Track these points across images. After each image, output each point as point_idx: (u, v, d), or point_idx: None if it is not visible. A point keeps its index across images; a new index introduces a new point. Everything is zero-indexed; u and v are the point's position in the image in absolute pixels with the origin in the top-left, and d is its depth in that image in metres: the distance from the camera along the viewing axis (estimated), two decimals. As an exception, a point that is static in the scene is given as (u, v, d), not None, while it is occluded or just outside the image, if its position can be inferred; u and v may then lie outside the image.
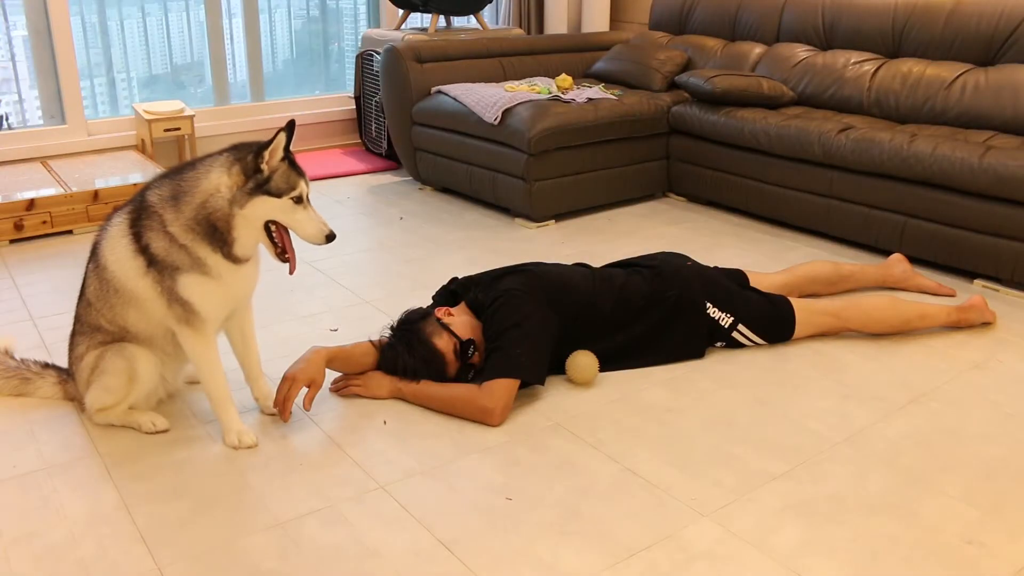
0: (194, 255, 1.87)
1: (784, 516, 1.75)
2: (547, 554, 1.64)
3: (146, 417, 2.04)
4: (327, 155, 4.77)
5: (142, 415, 2.05)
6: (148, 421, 2.04)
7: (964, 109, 3.30)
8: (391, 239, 3.45)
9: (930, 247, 3.07)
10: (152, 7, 4.45)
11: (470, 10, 4.65)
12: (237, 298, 2.00)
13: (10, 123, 4.10)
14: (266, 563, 1.61)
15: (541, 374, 2.17)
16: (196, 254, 1.87)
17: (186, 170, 1.90)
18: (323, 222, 1.91)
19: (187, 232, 1.86)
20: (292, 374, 2.06)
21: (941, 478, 1.89)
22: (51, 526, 1.71)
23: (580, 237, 3.48)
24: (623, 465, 1.92)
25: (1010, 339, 2.58)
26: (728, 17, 4.28)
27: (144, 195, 1.91)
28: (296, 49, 4.99)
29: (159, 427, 2.04)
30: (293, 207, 1.87)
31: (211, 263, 1.88)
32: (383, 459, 1.94)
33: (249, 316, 2.11)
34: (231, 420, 1.99)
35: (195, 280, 1.89)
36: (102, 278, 1.96)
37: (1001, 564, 1.62)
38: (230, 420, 1.99)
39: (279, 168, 1.86)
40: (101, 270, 1.96)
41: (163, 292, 1.90)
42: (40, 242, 3.37)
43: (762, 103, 3.67)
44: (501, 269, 2.35)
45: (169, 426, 2.05)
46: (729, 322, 2.43)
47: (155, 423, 2.04)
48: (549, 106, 3.57)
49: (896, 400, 2.22)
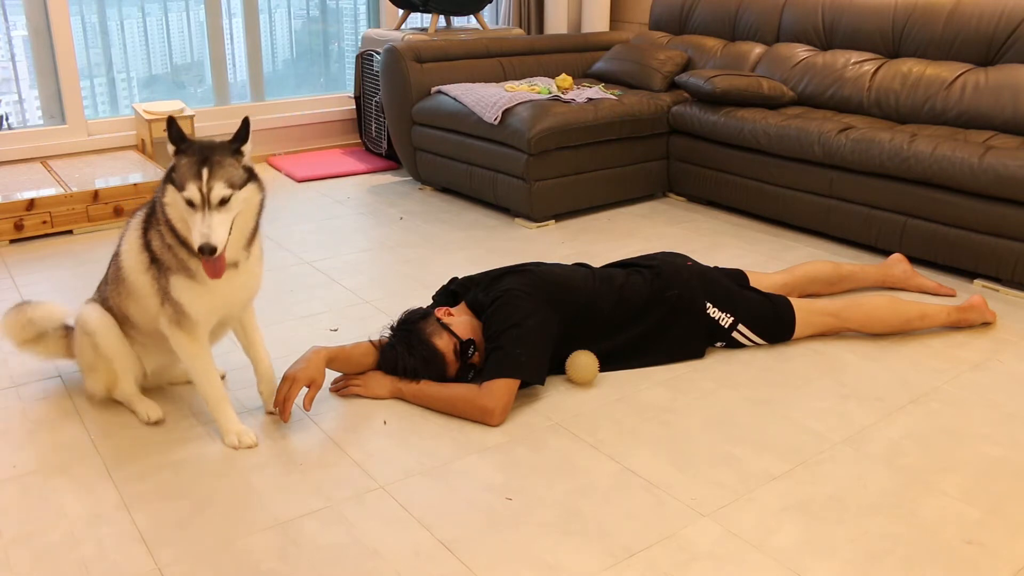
0: (178, 256, 1.85)
1: (784, 516, 1.75)
2: (547, 554, 1.64)
3: (143, 406, 2.08)
4: (327, 155, 4.77)
5: (140, 403, 2.08)
6: (144, 411, 2.07)
7: (964, 109, 3.30)
8: (391, 239, 3.45)
9: (930, 247, 3.07)
10: (152, 7, 4.45)
11: (470, 10, 4.65)
12: (229, 304, 1.95)
13: (10, 123, 4.09)
14: (266, 563, 1.61)
15: (541, 374, 2.17)
16: (179, 255, 1.85)
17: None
18: (209, 230, 1.71)
19: (169, 231, 1.84)
20: (292, 374, 2.06)
21: (941, 478, 1.89)
22: (51, 526, 1.71)
23: (580, 237, 3.48)
24: (623, 465, 1.93)
25: (1010, 339, 2.58)
26: (728, 17, 4.29)
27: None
28: (296, 49, 4.99)
29: (152, 418, 2.06)
30: (187, 207, 1.74)
31: (193, 266, 1.86)
32: (383, 459, 1.94)
33: (250, 320, 2.09)
34: (229, 421, 1.99)
35: (183, 283, 1.87)
36: (117, 264, 2.01)
37: (1001, 564, 1.62)
38: (228, 421, 1.99)
39: (183, 161, 1.75)
40: (117, 256, 2.00)
41: (159, 290, 1.90)
42: (40, 242, 3.37)
43: (762, 103, 3.68)
44: (501, 269, 2.35)
45: (163, 417, 2.07)
46: (729, 322, 2.43)
47: (149, 414, 2.06)
48: (549, 106, 3.57)
49: (896, 400, 2.22)
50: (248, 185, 1.80)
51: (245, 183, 1.79)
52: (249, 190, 1.81)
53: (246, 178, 1.79)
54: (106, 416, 2.11)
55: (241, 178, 1.77)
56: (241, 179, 1.77)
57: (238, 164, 1.78)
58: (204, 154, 1.75)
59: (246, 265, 1.92)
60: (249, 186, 1.80)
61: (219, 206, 1.73)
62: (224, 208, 1.74)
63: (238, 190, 1.77)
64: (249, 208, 1.84)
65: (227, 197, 1.74)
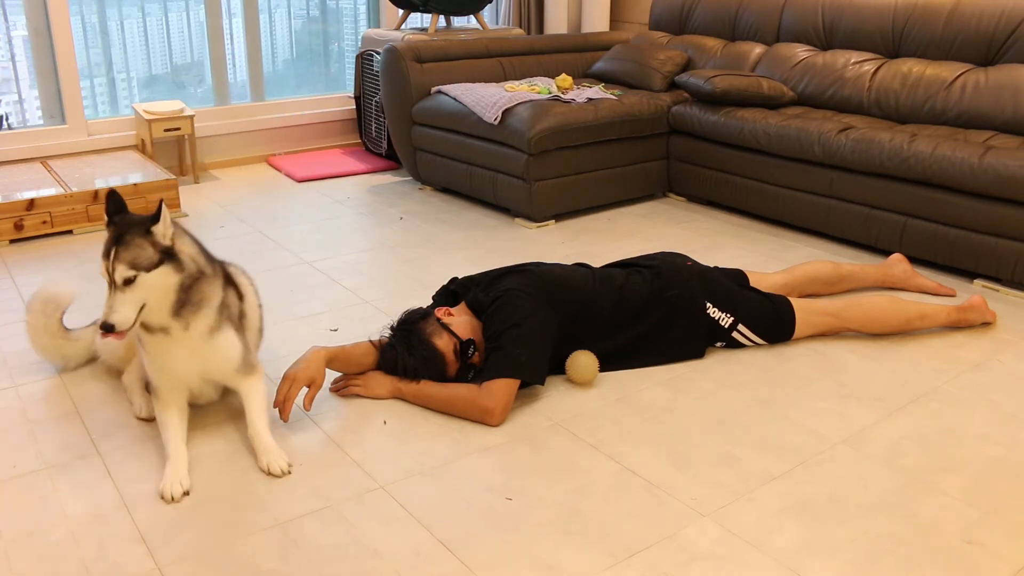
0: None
1: (784, 516, 1.75)
2: (547, 554, 1.64)
3: (140, 400, 2.11)
4: (327, 155, 4.77)
5: (139, 396, 2.12)
6: (139, 404, 2.11)
7: (964, 109, 3.30)
8: (391, 239, 3.45)
9: (930, 247, 3.07)
10: (152, 7, 4.45)
11: (470, 10, 4.65)
12: (179, 374, 1.90)
13: (10, 123, 4.09)
14: (266, 563, 1.61)
15: (541, 374, 2.17)
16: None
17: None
18: (110, 309, 1.71)
19: None
20: (292, 374, 2.06)
21: (941, 478, 1.89)
22: (51, 526, 1.71)
23: (580, 237, 3.48)
24: (623, 465, 1.93)
25: (1010, 339, 2.58)
26: (728, 17, 4.29)
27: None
28: (296, 49, 4.99)
29: (142, 414, 2.09)
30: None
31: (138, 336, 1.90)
32: (383, 459, 1.94)
33: (245, 394, 1.98)
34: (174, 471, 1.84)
35: (141, 348, 1.94)
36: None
37: (1001, 564, 1.62)
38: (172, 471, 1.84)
39: (105, 237, 1.75)
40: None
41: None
42: (40, 242, 3.37)
43: (762, 103, 3.68)
44: (501, 269, 2.35)
45: (153, 416, 2.08)
46: (729, 322, 2.43)
47: (142, 409, 2.09)
48: (549, 106, 3.57)
49: (896, 400, 2.22)
50: (161, 268, 1.76)
51: (157, 265, 1.75)
52: (162, 273, 1.76)
53: (158, 260, 1.75)
54: (106, 416, 2.11)
55: (150, 260, 1.74)
56: (150, 261, 1.74)
57: (148, 245, 1.74)
58: (119, 232, 1.72)
59: (185, 336, 1.86)
60: (162, 268, 1.76)
61: (124, 286, 1.71)
62: (129, 288, 1.72)
63: (144, 272, 1.73)
64: (162, 290, 1.78)
65: (131, 278, 1.71)
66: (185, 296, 1.82)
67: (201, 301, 1.86)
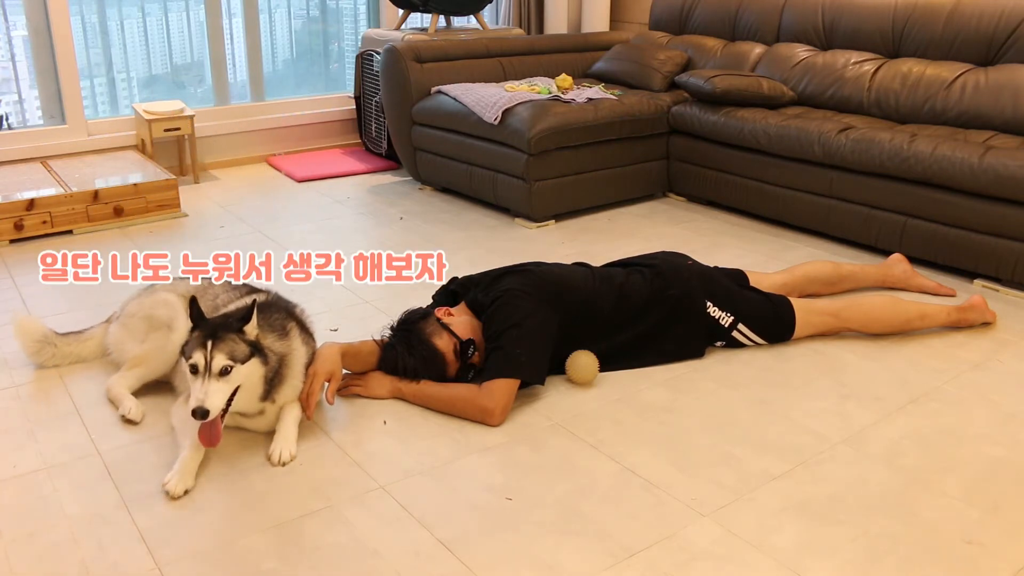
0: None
1: (784, 516, 1.75)
2: (547, 554, 1.64)
3: (128, 403, 2.11)
4: (327, 155, 4.77)
5: (126, 400, 2.12)
6: (127, 406, 2.10)
7: (964, 109, 3.30)
8: (391, 239, 3.45)
9: (930, 247, 3.07)
10: (152, 7, 4.45)
11: (470, 10, 4.65)
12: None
13: (10, 123, 4.09)
14: (266, 563, 1.61)
15: (541, 374, 2.17)
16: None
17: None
18: (205, 396, 1.79)
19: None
20: (312, 369, 2.06)
21: (941, 478, 1.89)
22: (51, 526, 1.71)
23: (580, 237, 3.48)
24: (623, 465, 1.92)
25: (1010, 339, 2.58)
26: (728, 17, 4.29)
27: None
28: (296, 49, 4.99)
29: (129, 416, 2.08)
30: (190, 373, 1.84)
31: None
32: (383, 459, 1.94)
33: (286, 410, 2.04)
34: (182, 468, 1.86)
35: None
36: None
37: (1001, 564, 1.62)
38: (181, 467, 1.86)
39: (194, 335, 1.87)
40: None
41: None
42: (40, 242, 3.37)
43: (762, 103, 3.68)
44: (501, 269, 2.35)
45: (139, 421, 2.08)
46: (729, 321, 2.43)
47: (130, 411, 2.09)
48: (549, 106, 3.57)
49: (896, 400, 2.22)
50: (251, 361, 1.89)
51: (248, 358, 1.88)
52: (252, 365, 1.89)
53: (249, 353, 1.88)
54: (106, 416, 2.11)
55: (244, 354, 1.87)
56: (244, 354, 1.87)
57: (240, 341, 1.88)
58: (212, 328, 1.86)
59: (272, 408, 2.02)
60: (252, 361, 1.89)
61: (219, 376, 1.82)
62: (223, 378, 1.83)
63: (240, 364, 1.85)
64: (254, 380, 1.91)
65: (227, 368, 1.83)
66: (270, 385, 1.96)
67: (285, 374, 2.00)
